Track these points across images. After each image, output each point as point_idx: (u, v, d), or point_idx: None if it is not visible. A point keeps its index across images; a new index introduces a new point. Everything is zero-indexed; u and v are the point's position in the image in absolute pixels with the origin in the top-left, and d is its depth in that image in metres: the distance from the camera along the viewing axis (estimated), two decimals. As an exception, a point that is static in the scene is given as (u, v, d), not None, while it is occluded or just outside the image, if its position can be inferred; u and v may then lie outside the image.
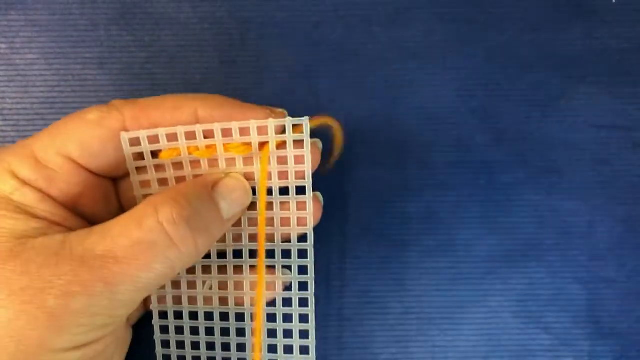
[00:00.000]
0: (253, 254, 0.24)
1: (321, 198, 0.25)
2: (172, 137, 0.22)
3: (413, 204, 0.28)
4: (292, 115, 0.22)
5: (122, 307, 0.20)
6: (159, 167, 0.23)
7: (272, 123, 0.22)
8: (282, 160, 0.23)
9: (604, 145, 0.28)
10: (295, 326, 0.24)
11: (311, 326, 0.24)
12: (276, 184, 0.23)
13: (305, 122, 0.22)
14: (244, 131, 0.22)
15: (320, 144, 0.24)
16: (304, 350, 0.25)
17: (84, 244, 0.19)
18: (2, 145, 0.28)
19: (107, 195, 0.23)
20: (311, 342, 0.24)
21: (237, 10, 0.28)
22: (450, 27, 0.28)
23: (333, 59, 0.28)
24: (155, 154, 0.23)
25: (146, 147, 0.22)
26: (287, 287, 0.24)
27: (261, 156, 0.22)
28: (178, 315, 0.25)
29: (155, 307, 0.25)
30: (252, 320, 0.25)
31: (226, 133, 0.22)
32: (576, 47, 0.28)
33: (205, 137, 0.22)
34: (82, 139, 0.21)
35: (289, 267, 0.24)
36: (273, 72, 0.28)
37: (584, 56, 0.28)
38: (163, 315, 0.25)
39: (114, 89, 0.28)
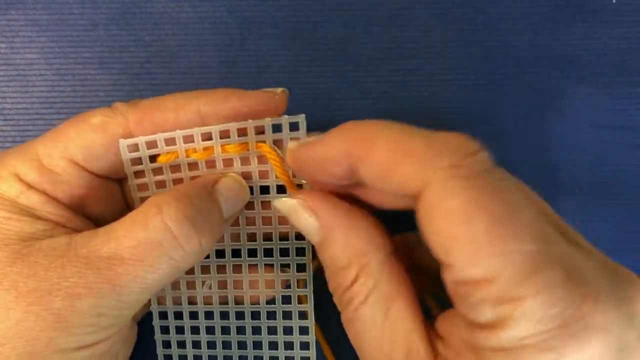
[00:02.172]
0: (252, 252, 0.24)
1: None
2: (171, 141, 0.22)
3: (413, 203, 0.28)
4: (291, 113, 0.22)
5: (128, 307, 0.20)
6: (156, 170, 0.23)
7: (269, 122, 0.22)
8: None
9: (604, 145, 0.28)
10: (295, 323, 0.25)
11: (310, 323, 0.25)
12: (274, 182, 0.23)
13: (301, 120, 0.22)
14: (241, 130, 0.22)
15: None
16: (304, 346, 0.25)
17: (89, 245, 0.19)
18: (3, 145, 0.28)
19: (112, 195, 0.23)
20: (311, 338, 0.25)
21: (237, 10, 0.28)
22: (450, 27, 0.28)
23: (333, 59, 0.28)
24: (153, 156, 0.23)
25: (144, 153, 0.22)
26: (287, 285, 0.25)
27: (267, 152, 0.22)
28: (178, 315, 0.25)
29: (155, 308, 0.25)
30: (251, 318, 0.25)
31: (224, 133, 0.22)
32: (576, 47, 0.28)
33: (202, 139, 0.22)
34: (86, 143, 0.21)
35: (287, 265, 0.24)
36: (273, 72, 0.28)
37: (584, 56, 0.28)
38: (163, 315, 0.25)
39: (114, 89, 0.28)
